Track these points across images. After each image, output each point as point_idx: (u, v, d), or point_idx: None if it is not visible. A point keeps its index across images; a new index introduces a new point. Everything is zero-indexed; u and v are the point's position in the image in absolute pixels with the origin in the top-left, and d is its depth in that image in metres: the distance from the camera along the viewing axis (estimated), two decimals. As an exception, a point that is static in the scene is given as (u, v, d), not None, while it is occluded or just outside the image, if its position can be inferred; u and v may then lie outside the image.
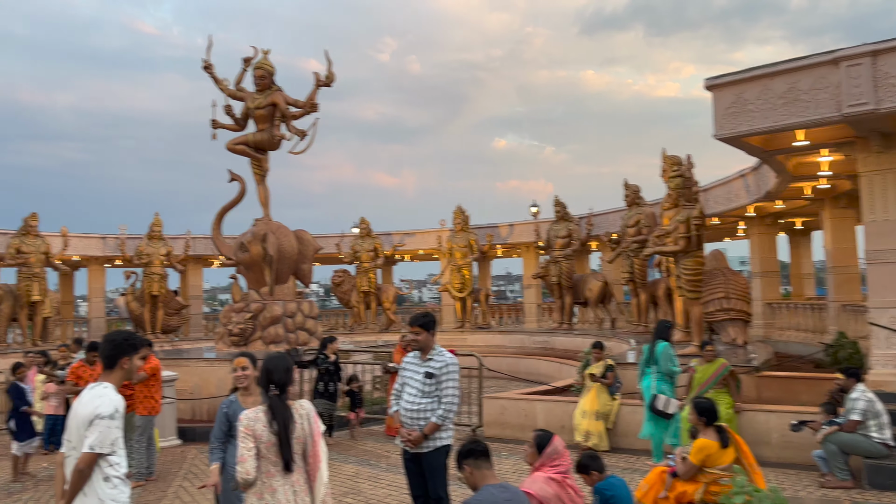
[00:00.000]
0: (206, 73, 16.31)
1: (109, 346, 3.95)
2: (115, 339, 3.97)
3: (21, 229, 20.56)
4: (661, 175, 14.87)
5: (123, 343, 3.96)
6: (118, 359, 3.93)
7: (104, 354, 3.95)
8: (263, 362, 4.43)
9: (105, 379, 3.95)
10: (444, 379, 5.60)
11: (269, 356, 4.45)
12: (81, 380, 9.33)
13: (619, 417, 9.93)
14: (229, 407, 5.00)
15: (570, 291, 21.19)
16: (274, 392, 4.26)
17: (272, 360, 4.38)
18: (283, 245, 15.91)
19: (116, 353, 3.93)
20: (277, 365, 4.34)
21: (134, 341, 4.01)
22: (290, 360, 4.48)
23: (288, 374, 4.39)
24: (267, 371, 4.32)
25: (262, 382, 4.34)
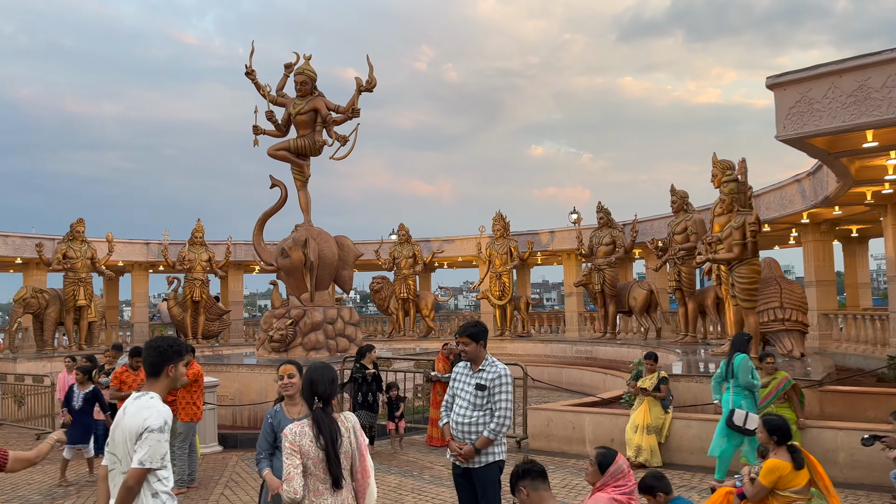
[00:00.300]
0: (248, 78, 16.36)
1: (153, 353, 3.77)
2: (160, 346, 3.78)
3: (68, 235, 20.91)
4: (711, 180, 14.36)
5: (168, 350, 3.77)
6: (163, 366, 3.75)
7: (148, 362, 3.78)
8: (307, 372, 4.22)
9: (150, 388, 3.77)
10: (496, 391, 5.31)
11: (313, 366, 4.24)
12: (125, 385, 9.28)
13: (671, 432, 9.51)
14: (274, 417, 4.79)
15: (614, 300, 20.69)
16: (318, 405, 4.04)
17: (316, 371, 4.16)
18: (324, 251, 15.82)
19: (161, 361, 3.75)
20: (322, 376, 4.11)
21: (179, 348, 3.82)
22: (334, 371, 4.27)
23: (333, 385, 4.16)
24: (311, 382, 4.10)
25: (306, 394, 4.14)
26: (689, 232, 17.25)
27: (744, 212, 11.46)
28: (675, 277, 17.56)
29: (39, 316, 20.38)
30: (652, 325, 20.13)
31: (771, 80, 8.27)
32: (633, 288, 20.46)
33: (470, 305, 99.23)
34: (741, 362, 7.71)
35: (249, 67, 16.29)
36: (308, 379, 4.12)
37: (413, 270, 24.73)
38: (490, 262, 23.56)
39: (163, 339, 3.84)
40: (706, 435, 9.22)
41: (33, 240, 21.52)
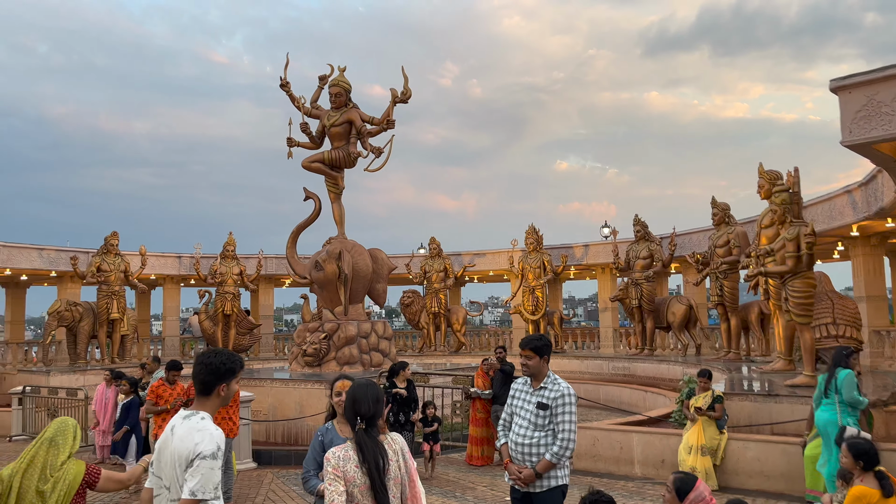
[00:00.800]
0: (283, 90, 16.29)
1: (205, 369, 3.48)
2: (212, 363, 3.49)
3: (102, 248, 20.98)
4: (757, 191, 13.90)
5: (221, 367, 3.49)
6: (215, 385, 3.47)
7: (199, 379, 3.50)
8: (349, 390, 3.87)
9: (200, 406, 3.49)
10: (559, 411, 4.96)
11: (356, 383, 3.90)
12: (161, 399, 9.07)
13: (727, 453, 9.03)
14: (325, 435, 4.49)
15: (652, 315, 20.16)
16: (361, 426, 3.69)
17: (359, 389, 3.83)
18: (358, 264, 15.60)
19: (213, 379, 3.47)
20: (366, 394, 3.76)
21: (232, 365, 3.53)
22: (379, 389, 3.94)
23: (378, 405, 3.80)
24: (353, 401, 3.75)
25: (348, 414, 3.81)
26: (731, 245, 16.74)
27: (797, 223, 10.99)
28: (717, 292, 17.03)
29: (73, 329, 20.43)
30: (691, 341, 19.56)
31: (835, 82, 7.87)
32: (671, 303, 19.93)
33: (495, 320, 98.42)
34: (846, 378, 7.25)
35: (284, 79, 16.22)
36: (350, 397, 3.81)
37: (444, 284, 24.43)
38: (523, 276, 23.18)
39: (215, 355, 3.55)
40: (765, 457, 8.76)
41: (68, 253, 21.65)
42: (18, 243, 21.15)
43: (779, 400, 9.99)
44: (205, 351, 3.62)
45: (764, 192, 13.72)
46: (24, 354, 21.93)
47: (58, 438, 4.22)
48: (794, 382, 10.97)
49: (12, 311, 24.74)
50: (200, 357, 3.58)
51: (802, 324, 10.93)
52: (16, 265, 21.01)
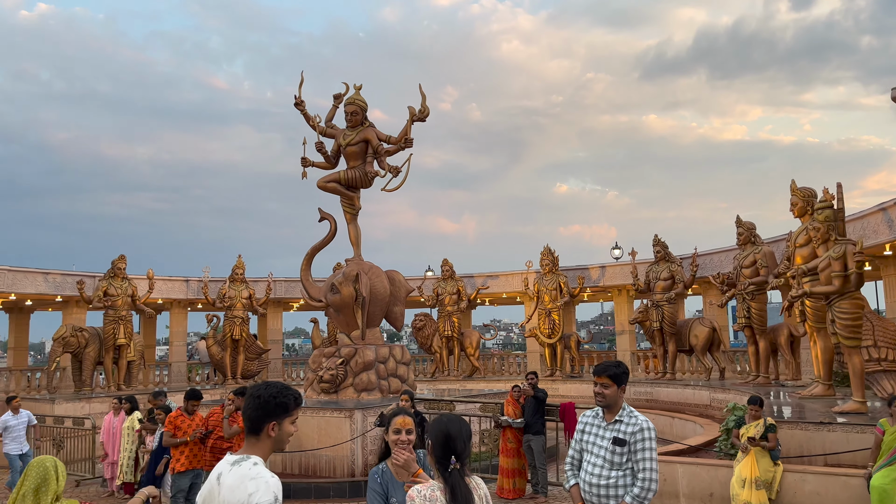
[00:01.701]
0: (297, 109, 15.93)
1: (254, 404, 2.96)
2: (261, 396, 2.97)
3: (109, 272, 20.52)
4: (790, 209, 13.47)
5: (270, 402, 2.96)
6: (263, 423, 2.95)
7: (246, 415, 2.99)
8: (439, 426, 3.47)
9: (250, 449, 2.98)
10: (638, 447, 4.44)
11: (447, 419, 3.51)
12: (179, 430, 8.53)
13: (783, 487, 8.45)
14: (382, 477, 3.97)
15: (674, 338, 19.62)
16: (455, 466, 3.31)
17: (453, 426, 3.43)
18: (376, 286, 15.10)
19: (261, 415, 2.95)
20: (460, 431, 3.40)
21: (285, 399, 3.00)
22: (469, 426, 3.51)
23: (469, 442, 3.45)
24: (447, 438, 3.37)
25: (438, 452, 3.38)
26: (758, 265, 16.25)
27: (843, 240, 10.51)
28: (744, 314, 16.49)
29: (78, 355, 19.89)
30: (715, 364, 18.99)
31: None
32: (693, 325, 19.39)
33: (497, 344, 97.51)
34: None
35: (299, 98, 15.86)
36: (444, 434, 3.38)
37: (457, 307, 23.92)
38: (538, 298, 22.67)
39: (265, 387, 3.03)
40: (825, 491, 8.18)
41: (74, 277, 21.18)
42: (23, 267, 20.68)
43: (832, 428, 9.43)
44: (255, 384, 3.11)
45: (798, 211, 13.29)
46: (28, 381, 21.35)
47: (41, 487, 3.75)
48: (844, 409, 10.43)
49: (16, 336, 24.19)
50: (250, 389, 3.07)
51: (851, 347, 10.41)
52: (20, 290, 20.52)
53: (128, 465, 11.65)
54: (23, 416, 12.49)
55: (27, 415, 12.63)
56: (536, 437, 10.42)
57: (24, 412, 12.63)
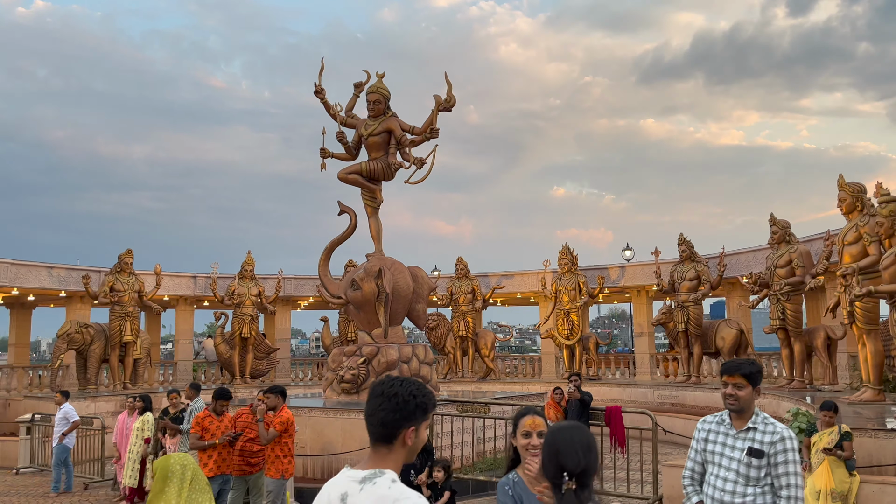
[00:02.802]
0: (317, 98, 15.32)
1: (387, 405, 2.32)
2: (398, 395, 2.33)
3: (115, 266, 19.85)
4: (838, 205, 12.85)
5: (410, 402, 2.33)
6: (400, 428, 2.32)
7: (376, 419, 2.34)
8: (549, 437, 2.89)
9: (380, 463, 2.34)
10: (779, 460, 3.81)
11: (555, 429, 2.89)
12: (207, 432, 7.88)
13: (860, 499, 7.83)
14: (514, 488, 3.35)
15: (699, 340, 19.01)
16: (569, 486, 2.71)
17: (561, 435, 2.82)
18: (399, 283, 14.46)
19: (397, 419, 2.32)
20: (571, 442, 2.78)
21: (425, 400, 2.37)
22: (589, 434, 2.87)
23: (590, 455, 2.80)
24: (554, 452, 2.77)
25: (549, 470, 2.78)
26: (794, 265, 15.64)
27: (909, 237, 9.92)
28: (778, 315, 15.87)
29: (83, 352, 19.20)
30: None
31: None
32: (720, 327, 18.78)
33: (499, 345, 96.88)
34: None
35: (319, 86, 15.24)
36: (551, 447, 2.79)
37: (472, 307, 23.29)
38: (556, 298, 22.04)
39: (400, 384, 2.39)
40: (908, 504, 7.56)
41: (79, 272, 20.50)
42: (26, 261, 19.99)
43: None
44: (382, 378, 2.45)
45: (846, 207, 12.68)
46: (30, 380, 20.65)
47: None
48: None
49: (17, 333, 23.48)
50: (378, 387, 2.41)
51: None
52: (23, 284, 19.83)
53: (133, 469, 11.00)
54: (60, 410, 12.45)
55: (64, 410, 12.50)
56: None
57: (63, 407, 12.49)
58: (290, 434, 8.00)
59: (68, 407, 12.53)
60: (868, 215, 12.17)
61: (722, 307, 35.30)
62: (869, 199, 12.41)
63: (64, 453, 12.15)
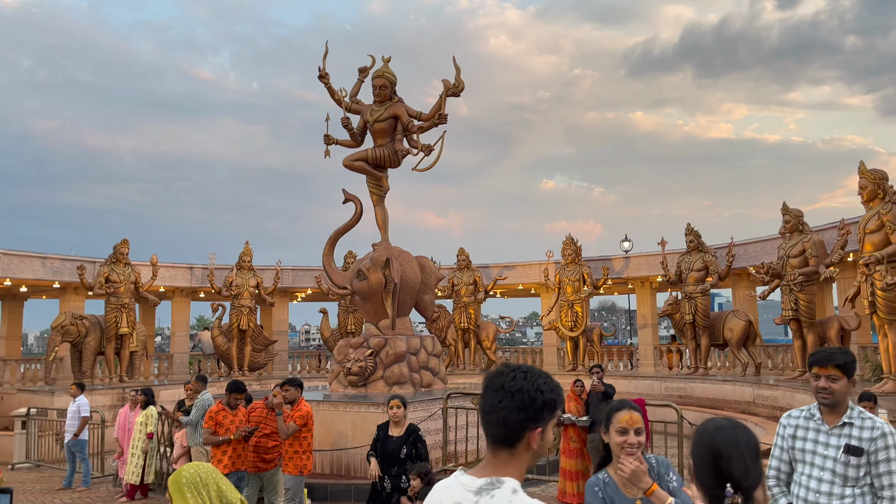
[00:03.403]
0: (321, 82, 14.87)
1: (512, 402, 1.91)
2: (524, 391, 1.92)
3: (111, 257, 19.36)
4: (859, 193, 12.59)
5: (538, 399, 1.92)
6: (526, 430, 1.92)
7: (497, 418, 1.93)
8: (700, 439, 2.43)
9: (500, 469, 1.95)
10: (881, 458, 3.47)
11: (713, 427, 2.43)
12: (222, 427, 7.49)
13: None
14: (605, 489, 3.00)
15: (707, 332, 18.75)
16: (735, 500, 2.29)
17: (723, 436, 2.37)
18: (406, 272, 14.08)
19: (523, 419, 1.91)
20: (736, 444, 2.34)
21: (555, 397, 1.96)
22: (753, 436, 2.44)
23: (758, 463, 2.37)
24: (716, 454, 2.33)
25: (705, 477, 2.36)
26: (808, 255, 15.38)
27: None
28: (791, 306, 15.62)
29: (78, 345, 18.71)
30: (751, 359, 18.15)
31: None
32: (728, 318, 18.52)
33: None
34: None
35: (323, 70, 14.79)
36: (710, 451, 2.34)
37: (474, 298, 22.94)
38: (560, 289, 21.73)
39: (526, 377, 1.96)
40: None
41: (73, 262, 19.95)
42: (19, 251, 19.43)
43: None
44: (499, 369, 2.04)
45: (867, 194, 12.42)
46: (23, 373, 20.13)
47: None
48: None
49: (9, 325, 22.90)
50: (496, 379, 1.98)
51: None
52: (16, 275, 19.28)
53: (136, 465, 10.61)
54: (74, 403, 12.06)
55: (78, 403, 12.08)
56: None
57: (77, 399, 12.10)
58: (308, 428, 7.63)
59: (83, 400, 12.08)
60: (891, 203, 11.91)
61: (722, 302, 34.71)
62: (891, 187, 12.14)
63: (81, 448, 11.77)
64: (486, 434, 1.98)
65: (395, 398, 7.05)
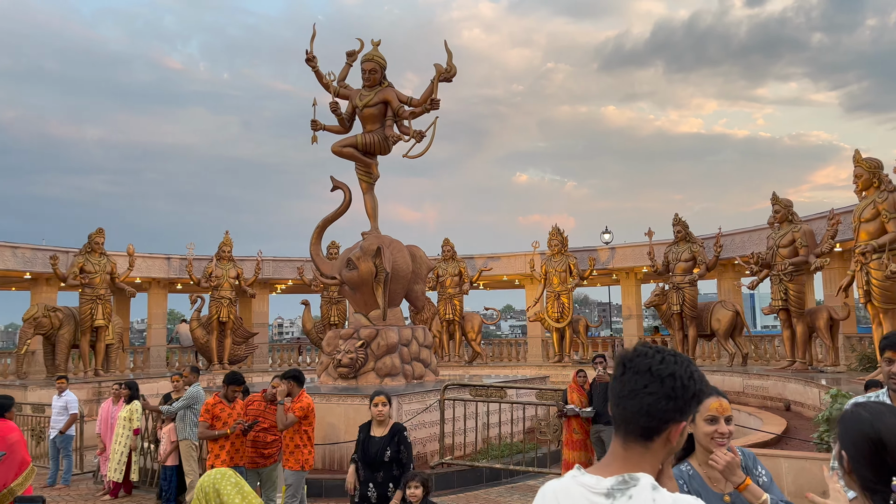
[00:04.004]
0: (308, 66, 14.46)
1: (661, 389, 1.65)
2: (674, 375, 1.66)
3: (85, 247, 18.69)
4: (854, 181, 12.54)
5: (690, 388, 1.67)
6: (671, 421, 1.66)
7: (643, 409, 1.65)
8: (854, 425, 2.10)
9: (632, 465, 1.67)
10: None
11: (872, 412, 2.09)
12: (219, 420, 7.12)
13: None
14: (689, 482, 2.73)
15: (695, 322, 18.72)
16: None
17: (882, 422, 2.04)
18: (398, 262, 13.77)
19: (671, 411, 1.65)
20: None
21: (702, 389, 1.71)
22: None
23: None
24: (876, 444, 2.00)
25: (865, 472, 2.02)
26: (797, 244, 15.35)
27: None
28: (780, 296, 15.58)
29: (51, 337, 18.05)
30: (738, 349, 18.16)
31: None
32: (715, 309, 18.49)
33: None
34: None
35: (310, 54, 14.38)
36: (870, 438, 2.02)
37: (459, 289, 22.66)
38: (546, 280, 21.56)
39: (676, 361, 1.69)
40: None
41: (46, 252, 19.25)
42: (-11, 240, 18.69)
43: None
44: (641, 349, 1.75)
45: (862, 183, 12.37)
46: (-7, 366, 19.39)
47: None
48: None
49: (-24, 317, 22.07)
50: (640, 360, 1.70)
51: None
52: (-15, 265, 18.54)
53: (119, 462, 10.16)
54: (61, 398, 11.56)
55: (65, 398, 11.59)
56: (608, 428, 9.27)
57: (64, 394, 11.61)
58: (310, 422, 7.29)
59: (71, 396, 11.54)
60: (887, 191, 11.87)
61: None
62: (886, 175, 12.11)
63: (66, 444, 11.31)
64: (617, 422, 1.70)
65: (381, 394, 6.10)
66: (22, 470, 5.75)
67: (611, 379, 1.73)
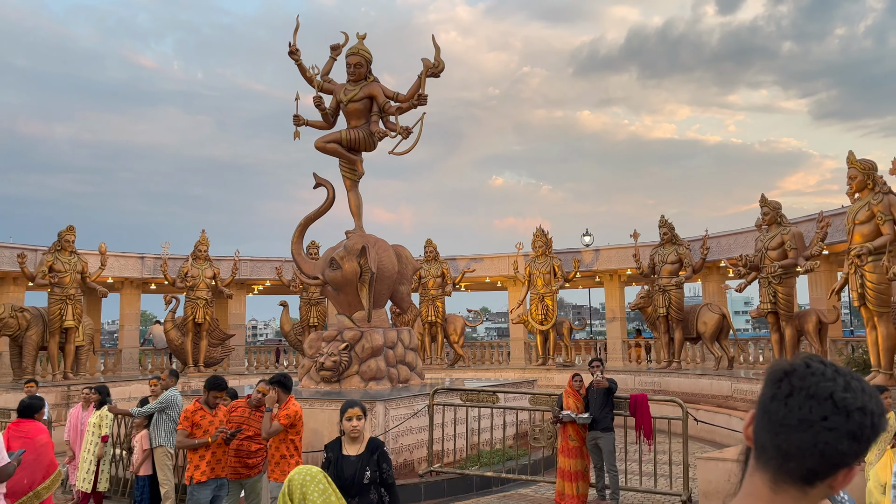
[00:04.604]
0: (291, 59, 13.99)
1: (845, 425, 1.24)
2: (867, 412, 1.26)
3: (55, 245, 17.98)
4: (848, 183, 12.38)
5: (879, 424, 1.26)
6: (843, 466, 1.25)
7: (817, 447, 1.23)
8: None
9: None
10: None
11: None
12: (199, 429, 6.65)
13: (924, 491, 7.21)
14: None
15: (681, 325, 18.53)
16: None
17: None
18: (383, 262, 13.33)
19: (855, 455, 1.25)
20: None
21: (881, 423, 1.27)
22: None
23: None
24: None
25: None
26: (787, 247, 15.22)
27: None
28: (769, 299, 15.43)
29: (18, 339, 17.30)
30: (724, 353, 18.00)
31: None
32: (702, 312, 18.33)
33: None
34: None
35: (293, 46, 13.90)
36: None
37: (442, 291, 22.27)
38: (530, 282, 21.26)
39: (864, 390, 1.28)
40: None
41: (13, 250, 18.47)
42: (-48, 237, 17.86)
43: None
44: (815, 366, 1.32)
45: (856, 185, 12.20)
46: (-45, 369, 18.56)
47: None
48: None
49: (-62, 318, 21.11)
50: (813, 380, 1.28)
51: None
52: (-52, 263, 17.71)
53: (88, 472, 9.60)
54: None
55: None
56: (606, 435, 8.95)
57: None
58: (297, 430, 6.85)
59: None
60: (881, 193, 11.72)
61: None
62: (881, 177, 11.97)
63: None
64: (768, 454, 1.30)
65: (355, 406, 5.13)
66: (50, 472, 5.71)
67: (766, 398, 1.33)
